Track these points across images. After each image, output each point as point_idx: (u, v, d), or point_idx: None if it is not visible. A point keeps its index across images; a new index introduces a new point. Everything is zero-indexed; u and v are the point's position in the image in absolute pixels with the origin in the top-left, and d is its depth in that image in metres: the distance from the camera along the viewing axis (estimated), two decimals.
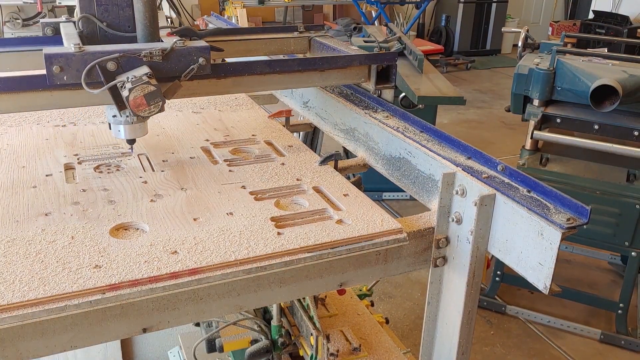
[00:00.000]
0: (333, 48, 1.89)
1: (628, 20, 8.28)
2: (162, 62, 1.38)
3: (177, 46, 1.38)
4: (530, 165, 3.38)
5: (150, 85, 1.31)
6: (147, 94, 1.31)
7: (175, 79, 1.41)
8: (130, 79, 1.30)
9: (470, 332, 1.36)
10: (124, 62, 1.34)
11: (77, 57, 1.30)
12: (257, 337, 2.14)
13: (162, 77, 1.38)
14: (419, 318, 3.70)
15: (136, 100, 1.30)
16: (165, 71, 1.39)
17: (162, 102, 1.34)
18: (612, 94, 2.94)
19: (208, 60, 1.42)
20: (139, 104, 1.31)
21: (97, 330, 1.06)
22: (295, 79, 1.61)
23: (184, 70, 1.40)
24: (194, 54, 1.41)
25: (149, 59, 1.36)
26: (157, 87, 1.32)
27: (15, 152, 1.71)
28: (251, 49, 2.00)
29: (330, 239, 1.26)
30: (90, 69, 1.31)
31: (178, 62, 1.40)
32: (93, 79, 1.32)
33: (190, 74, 1.41)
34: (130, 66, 1.35)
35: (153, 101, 1.32)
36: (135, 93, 1.30)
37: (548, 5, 12.73)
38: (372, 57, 1.68)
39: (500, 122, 7.67)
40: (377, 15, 8.99)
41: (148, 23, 1.47)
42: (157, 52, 1.36)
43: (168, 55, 1.38)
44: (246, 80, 1.55)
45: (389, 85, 1.72)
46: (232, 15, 7.09)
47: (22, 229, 1.27)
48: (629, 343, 3.52)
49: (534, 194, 1.21)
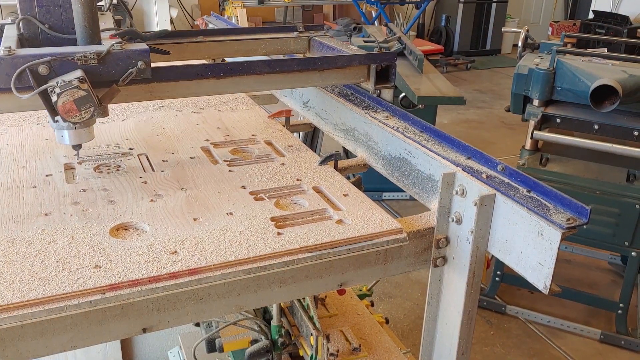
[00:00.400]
0: (332, 48, 1.88)
1: (628, 20, 8.28)
2: (98, 66, 1.31)
3: (114, 49, 1.32)
4: (530, 165, 3.38)
5: (80, 90, 1.25)
6: (77, 99, 1.25)
7: (113, 83, 1.34)
8: (59, 83, 1.25)
9: (470, 332, 1.36)
10: (57, 65, 1.28)
11: (7, 60, 1.25)
12: (257, 337, 2.14)
13: (99, 81, 1.32)
14: (419, 318, 3.70)
15: (65, 105, 1.24)
16: (102, 75, 1.33)
17: (93, 107, 1.27)
18: (612, 94, 2.94)
19: (148, 63, 1.36)
20: (69, 110, 1.25)
21: (97, 330, 1.06)
22: (294, 78, 1.61)
23: (122, 74, 1.34)
24: (133, 57, 1.34)
25: (84, 62, 1.30)
26: (88, 92, 1.26)
27: (15, 152, 1.71)
28: (250, 49, 1.99)
29: (330, 239, 1.26)
30: (21, 73, 1.25)
31: (115, 66, 1.33)
32: (24, 84, 1.26)
33: (129, 78, 1.34)
34: (63, 70, 1.29)
35: (84, 107, 1.26)
36: (64, 98, 1.24)
37: (548, 5, 12.73)
38: (371, 56, 1.68)
39: (500, 122, 7.67)
40: (377, 16, 8.99)
41: (87, 25, 1.42)
42: (91, 55, 1.30)
43: (104, 59, 1.31)
44: (245, 80, 1.53)
45: (389, 85, 1.71)
46: (232, 15, 7.09)
47: (22, 229, 1.27)
48: (629, 343, 3.52)
49: (534, 194, 1.21)
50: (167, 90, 1.46)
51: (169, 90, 1.46)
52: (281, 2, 8.19)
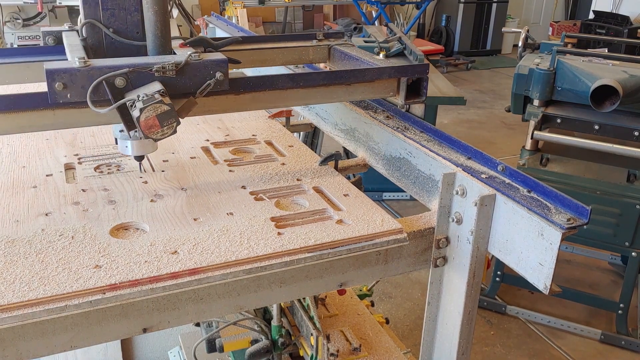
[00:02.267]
0: (356, 58, 1.75)
1: (628, 20, 8.29)
2: (175, 77, 1.24)
3: (192, 59, 1.25)
4: (530, 165, 3.38)
5: (163, 105, 1.18)
6: (160, 114, 1.18)
7: (190, 95, 1.27)
8: (141, 97, 1.17)
9: (470, 332, 1.36)
10: (134, 77, 1.21)
11: (82, 72, 1.18)
12: (258, 337, 2.14)
13: (176, 93, 1.25)
14: (419, 318, 3.70)
15: (148, 121, 1.17)
16: (179, 87, 1.26)
17: (176, 122, 1.20)
18: (612, 94, 2.94)
19: (226, 74, 1.29)
20: (152, 125, 1.18)
21: (97, 330, 1.06)
22: (319, 93, 1.49)
23: (200, 86, 1.27)
24: (211, 68, 1.27)
25: (162, 74, 1.23)
26: (171, 107, 1.19)
27: (15, 152, 1.71)
28: (267, 58, 1.87)
29: (331, 239, 1.26)
30: (97, 85, 1.18)
31: (193, 77, 1.26)
32: (100, 97, 1.20)
33: (207, 90, 1.27)
34: (140, 82, 1.22)
35: (167, 122, 1.19)
36: (147, 113, 1.17)
37: (548, 5, 12.73)
38: (402, 69, 1.55)
39: (501, 122, 7.67)
40: (378, 16, 8.98)
41: (159, 34, 1.34)
42: (170, 66, 1.23)
43: (182, 70, 1.24)
44: (266, 96, 1.43)
45: (420, 99, 1.58)
46: (233, 16, 7.08)
47: (22, 229, 1.27)
48: (629, 343, 3.52)
49: (534, 194, 1.21)
50: None
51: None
52: (281, 2, 8.19)
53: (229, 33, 2.62)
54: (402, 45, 3.90)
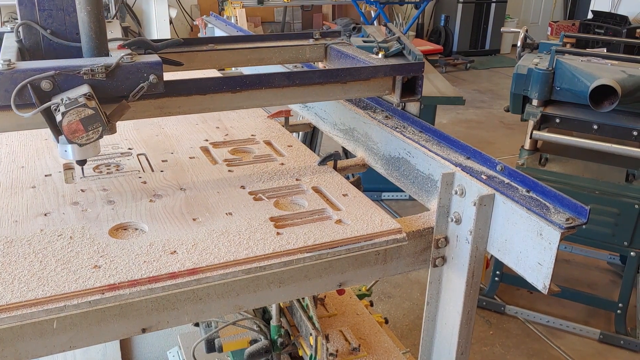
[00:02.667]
0: (352, 57, 1.76)
1: (627, 20, 8.29)
2: (106, 80, 1.20)
3: (124, 62, 1.21)
4: (529, 165, 3.38)
5: (87, 109, 1.13)
6: (84, 118, 1.13)
7: (123, 98, 1.23)
8: (64, 100, 1.13)
9: (469, 332, 1.36)
10: (61, 80, 1.17)
11: (6, 75, 1.13)
12: (257, 337, 2.14)
13: (107, 97, 1.21)
14: (418, 318, 3.70)
15: (71, 125, 1.13)
16: (110, 90, 1.21)
17: (102, 127, 1.16)
18: (611, 94, 2.94)
19: (160, 77, 1.24)
20: (75, 130, 1.14)
21: (96, 330, 1.06)
22: (314, 92, 1.50)
23: (133, 89, 1.22)
24: (144, 71, 1.23)
25: (90, 76, 1.18)
26: (96, 110, 1.15)
27: (14, 152, 1.71)
28: (264, 57, 1.87)
29: (330, 239, 1.26)
30: (21, 89, 1.14)
31: (125, 80, 1.22)
32: (25, 101, 1.15)
33: (140, 94, 1.23)
34: (68, 85, 1.17)
35: (91, 126, 1.15)
36: (69, 117, 1.12)
37: (547, 5, 12.73)
38: (397, 67, 1.56)
39: (500, 122, 7.67)
40: (376, 15, 8.99)
41: (94, 35, 1.30)
42: (99, 68, 1.18)
43: (113, 72, 1.20)
44: (263, 94, 1.43)
45: (415, 97, 1.59)
46: (232, 15, 7.08)
47: (21, 229, 1.27)
48: (628, 343, 3.52)
49: (533, 194, 1.21)
50: (178, 106, 1.37)
51: (181, 105, 1.37)
52: (280, 2, 8.19)
53: (227, 33, 2.62)
54: (401, 45, 3.89)
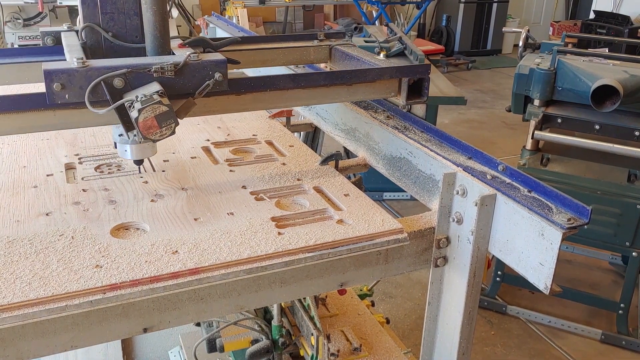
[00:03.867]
0: (357, 58, 1.74)
1: (629, 20, 8.28)
2: (174, 78, 1.24)
3: (191, 60, 1.25)
4: (531, 165, 3.38)
5: (162, 105, 1.17)
6: (159, 115, 1.17)
7: (189, 95, 1.27)
8: (139, 97, 1.16)
9: (470, 332, 1.36)
10: (132, 78, 1.20)
11: (80, 73, 1.17)
12: (258, 337, 2.14)
13: (175, 94, 1.24)
14: (419, 318, 3.70)
15: (146, 121, 1.16)
16: (177, 88, 1.25)
17: (174, 123, 1.20)
18: (613, 94, 2.94)
19: (225, 75, 1.28)
20: (150, 126, 1.17)
21: (98, 330, 1.06)
22: (320, 94, 1.49)
23: (199, 87, 1.26)
24: (210, 69, 1.26)
25: (160, 74, 1.22)
26: (170, 107, 1.18)
27: (16, 152, 1.72)
28: (268, 58, 1.86)
29: (331, 239, 1.26)
30: (95, 86, 1.18)
31: (192, 78, 1.26)
32: (98, 98, 1.19)
33: (206, 91, 1.27)
34: (139, 83, 1.21)
35: (165, 123, 1.18)
36: (145, 114, 1.16)
37: (549, 5, 12.72)
38: (403, 69, 1.54)
39: (501, 122, 7.67)
40: (378, 15, 8.98)
41: (159, 34, 1.34)
42: (169, 66, 1.22)
43: (181, 70, 1.24)
44: (268, 96, 1.42)
45: (421, 99, 1.57)
46: (233, 15, 7.09)
47: (23, 229, 1.27)
48: (630, 343, 3.52)
49: (535, 194, 1.21)
50: None
51: None
52: (282, 2, 8.19)
53: (229, 33, 2.62)
54: (403, 45, 3.88)
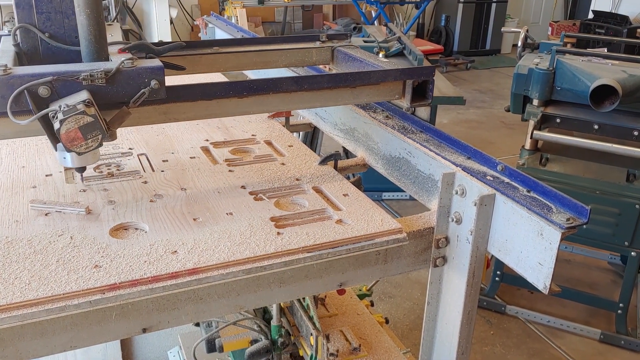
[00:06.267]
0: (360, 60, 1.73)
1: (628, 20, 8.28)
2: (105, 86, 1.16)
3: (124, 67, 1.17)
4: (530, 165, 3.38)
5: (86, 116, 1.09)
6: (83, 126, 1.10)
7: (124, 104, 1.19)
8: (62, 107, 1.09)
9: (470, 332, 1.36)
10: (60, 86, 1.13)
11: (2, 81, 1.10)
12: (257, 337, 2.14)
13: (107, 103, 1.17)
14: (418, 318, 3.70)
15: (69, 133, 1.09)
16: (110, 96, 1.17)
17: (101, 134, 1.13)
18: (611, 93, 2.94)
19: (162, 82, 1.21)
20: (74, 138, 1.10)
21: (97, 330, 1.06)
22: (323, 96, 1.46)
23: (133, 95, 1.19)
24: (145, 76, 1.19)
25: (90, 82, 1.14)
26: (96, 118, 1.11)
27: (15, 152, 1.71)
28: (269, 60, 1.83)
29: (330, 239, 1.26)
30: (18, 95, 1.10)
31: (126, 86, 1.18)
32: (22, 107, 1.12)
33: (141, 100, 1.19)
34: (67, 91, 1.14)
35: (90, 134, 1.11)
36: (67, 125, 1.09)
37: (548, 5, 12.72)
38: (408, 72, 1.52)
39: (500, 122, 7.67)
40: (377, 15, 8.98)
41: (93, 39, 1.26)
42: (99, 74, 1.15)
43: (113, 78, 1.16)
44: (271, 99, 1.40)
45: (425, 102, 1.55)
46: (232, 15, 7.08)
47: (22, 229, 1.27)
48: (629, 343, 3.52)
49: (534, 194, 1.21)
50: (183, 112, 1.33)
51: (186, 111, 1.33)
52: (281, 2, 8.18)
53: (228, 33, 2.62)
54: (402, 45, 3.87)
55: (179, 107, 1.32)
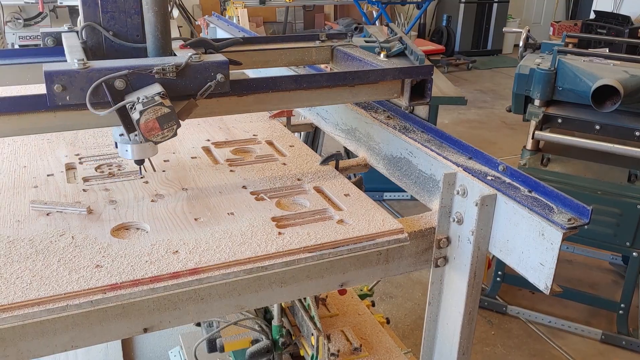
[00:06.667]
0: (359, 59, 1.73)
1: (629, 20, 8.28)
2: (176, 79, 1.23)
3: (193, 61, 1.24)
4: (531, 165, 3.38)
5: (163, 107, 1.16)
6: (161, 117, 1.16)
7: (190, 97, 1.26)
8: (141, 99, 1.15)
9: (471, 332, 1.36)
10: (134, 79, 1.20)
11: (82, 74, 1.16)
12: (258, 337, 2.14)
13: (176, 95, 1.24)
14: (419, 318, 3.70)
15: (148, 123, 1.15)
16: (179, 89, 1.24)
17: (176, 125, 1.19)
18: (613, 94, 2.94)
19: (227, 76, 1.27)
20: (152, 128, 1.16)
21: (98, 330, 1.06)
22: (323, 95, 1.47)
23: (200, 88, 1.25)
24: (212, 70, 1.26)
25: (162, 75, 1.21)
26: (172, 109, 1.17)
27: (16, 152, 1.72)
28: (270, 59, 1.85)
29: (331, 239, 1.26)
30: (96, 87, 1.17)
31: (194, 79, 1.25)
32: (99, 99, 1.18)
33: (208, 92, 1.26)
34: (140, 84, 1.20)
35: (167, 124, 1.17)
36: (147, 116, 1.15)
37: (549, 5, 12.72)
38: (406, 70, 1.53)
39: (501, 122, 7.66)
40: (378, 15, 8.98)
41: (160, 35, 1.33)
42: (170, 67, 1.21)
43: (183, 72, 1.23)
44: (270, 98, 1.40)
45: (424, 101, 1.56)
46: (234, 16, 7.08)
47: (23, 229, 1.27)
48: (630, 343, 3.52)
49: (535, 194, 1.21)
50: None
51: None
52: (282, 2, 8.19)
53: (229, 33, 2.62)
54: (403, 45, 3.87)
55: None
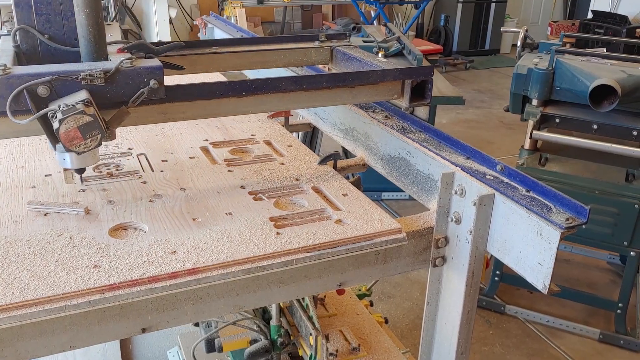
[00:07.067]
0: (359, 59, 1.73)
1: (627, 20, 8.29)
2: (105, 86, 1.16)
3: (123, 66, 1.17)
4: (529, 165, 3.38)
5: (85, 115, 1.09)
6: (82, 126, 1.10)
7: (123, 104, 1.19)
8: (61, 107, 1.09)
9: (469, 332, 1.36)
10: (59, 86, 1.13)
11: (1, 80, 1.10)
12: (257, 337, 2.14)
13: (106, 103, 1.17)
14: (418, 318, 3.70)
15: (69, 133, 1.09)
16: (109, 96, 1.18)
17: (100, 134, 1.12)
18: (610, 93, 2.94)
19: (161, 82, 1.21)
20: (73, 138, 1.10)
21: (96, 330, 1.06)
22: (322, 96, 1.46)
23: (133, 95, 1.19)
24: (144, 75, 1.19)
25: (89, 82, 1.14)
26: (95, 117, 1.11)
27: (14, 152, 1.71)
28: (268, 60, 1.84)
29: (330, 239, 1.26)
30: (18, 94, 1.10)
31: (125, 86, 1.18)
32: (21, 107, 1.12)
33: (140, 99, 1.19)
34: (66, 91, 1.14)
35: (90, 134, 1.11)
36: (67, 125, 1.09)
37: (547, 5, 12.73)
38: (407, 71, 1.52)
39: (499, 121, 7.67)
40: (376, 15, 8.98)
41: (92, 38, 1.26)
42: (98, 73, 1.15)
43: (112, 77, 1.16)
44: (269, 99, 1.40)
45: (424, 102, 1.55)
46: (231, 15, 7.08)
47: (21, 229, 1.27)
48: (628, 343, 3.52)
49: (533, 194, 1.21)
50: (182, 111, 1.32)
51: (185, 111, 1.32)
52: (280, 2, 8.18)
53: (227, 33, 2.62)
54: (401, 45, 3.87)
55: (178, 107, 1.32)
